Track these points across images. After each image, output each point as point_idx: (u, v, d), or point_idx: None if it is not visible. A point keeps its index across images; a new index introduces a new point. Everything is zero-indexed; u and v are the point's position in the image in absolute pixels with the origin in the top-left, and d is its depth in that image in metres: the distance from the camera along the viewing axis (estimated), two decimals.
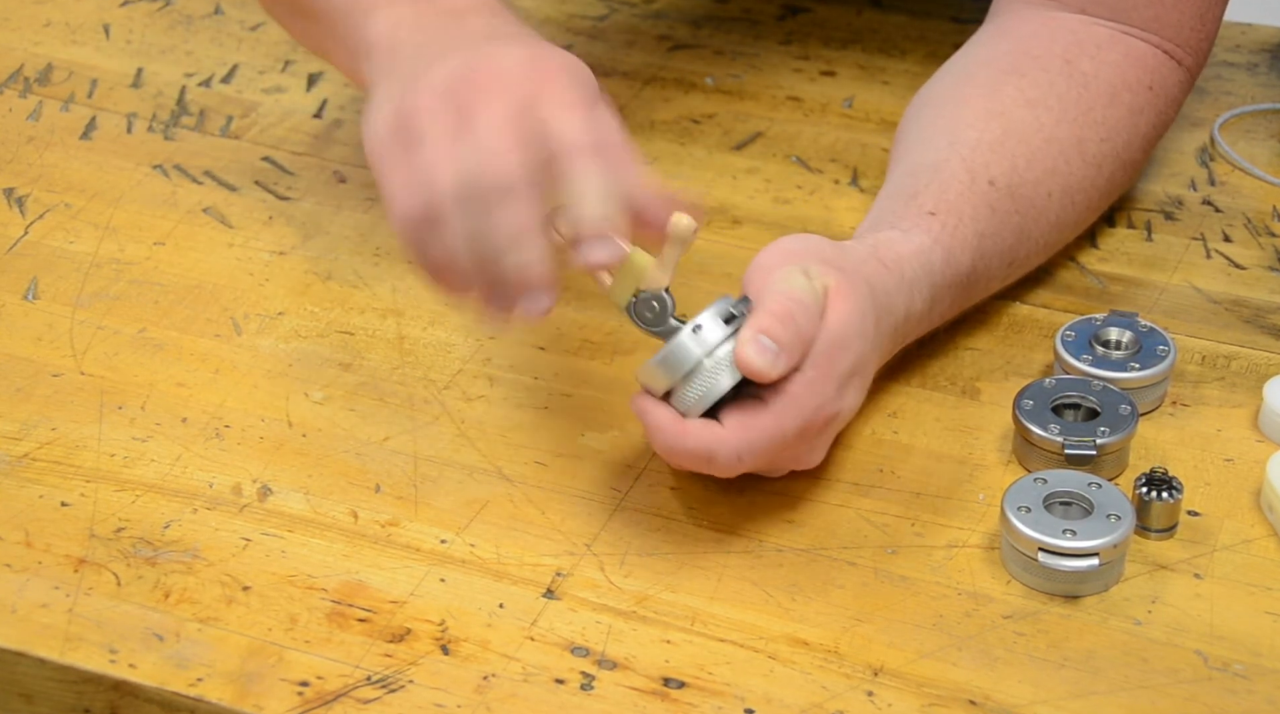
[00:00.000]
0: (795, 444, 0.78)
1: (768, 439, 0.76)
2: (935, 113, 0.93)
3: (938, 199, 0.87)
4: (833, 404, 0.78)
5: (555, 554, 0.80)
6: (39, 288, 0.96)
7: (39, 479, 0.84)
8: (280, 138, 1.09)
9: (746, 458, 0.77)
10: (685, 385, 0.77)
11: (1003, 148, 0.89)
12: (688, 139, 1.08)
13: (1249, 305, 0.94)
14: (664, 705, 0.73)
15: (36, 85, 1.14)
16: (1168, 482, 0.79)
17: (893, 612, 0.77)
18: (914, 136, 0.93)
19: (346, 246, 0.99)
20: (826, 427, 0.79)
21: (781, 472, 0.82)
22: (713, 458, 0.76)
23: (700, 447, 0.76)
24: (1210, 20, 0.96)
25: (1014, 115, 0.91)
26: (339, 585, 0.78)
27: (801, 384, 0.76)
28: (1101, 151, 0.92)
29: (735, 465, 0.77)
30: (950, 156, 0.89)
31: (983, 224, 0.87)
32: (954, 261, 0.86)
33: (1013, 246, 0.89)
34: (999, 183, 0.88)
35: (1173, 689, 0.73)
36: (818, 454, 0.81)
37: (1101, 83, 0.92)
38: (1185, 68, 0.96)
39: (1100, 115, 0.92)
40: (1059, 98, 0.91)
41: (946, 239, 0.86)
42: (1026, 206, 0.89)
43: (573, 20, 1.21)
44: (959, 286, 0.87)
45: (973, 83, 0.93)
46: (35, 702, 0.77)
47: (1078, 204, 0.92)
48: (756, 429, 0.76)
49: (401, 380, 0.90)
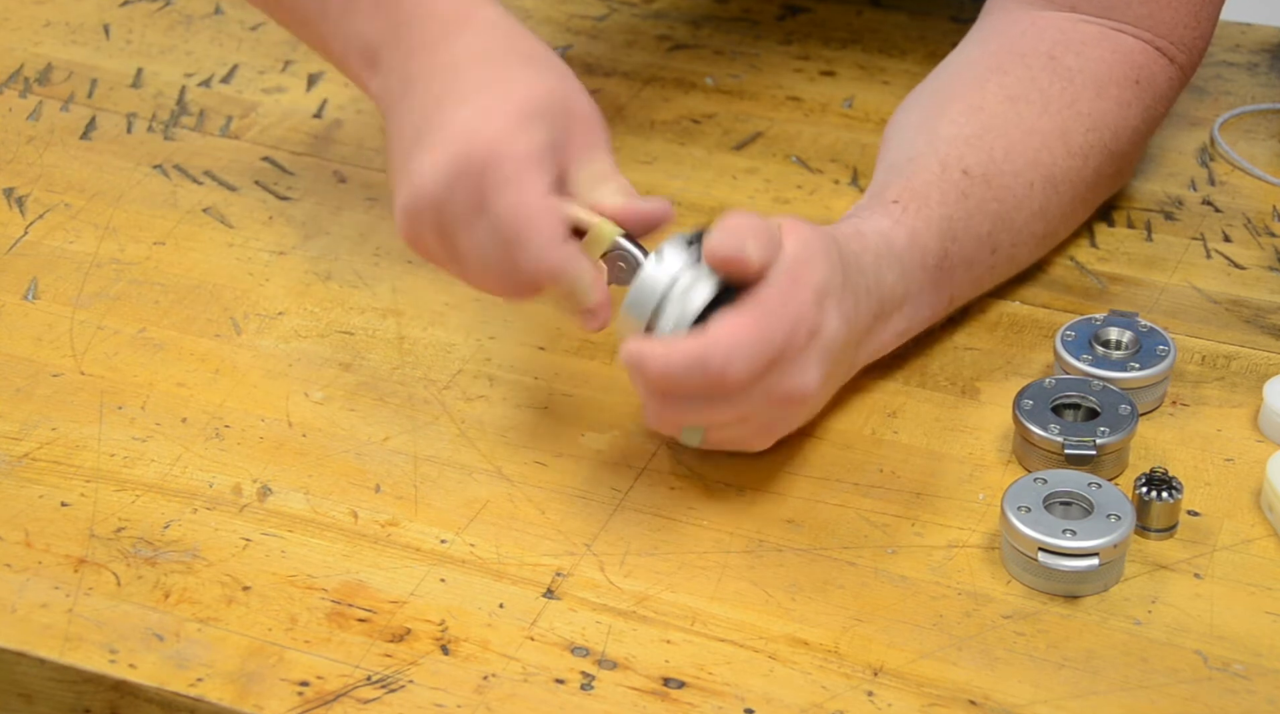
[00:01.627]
0: (784, 359, 0.77)
1: (754, 339, 0.75)
2: (918, 113, 0.94)
3: (902, 188, 0.87)
4: (812, 315, 0.77)
5: (555, 554, 0.80)
6: (39, 288, 0.96)
7: (39, 479, 0.84)
8: (280, 138, 1.09)
9: (737, 360, 0.75)
10: (660, 315, 0.77)
11: (980, 141, 0.90)
12: (688, 139, 1.08)
13: (1249, 305, 0.94)
14: (664, 705, 0.73)
15: (36, 85, 1.14)
16: (1168, 482, 0.79)
17: (893, 612, 0.77)
18: (895, 138, 0.93)
19: (346, 246, 0.99)
20: (810, 342, 0.78)
21: (781, 419, 0.81)
22: (705, 361, 0.75)
23: (691, 354, 0.75)
24: (1205, 18, 0.96)
25: (994, 110, 0.91)
26: (339, 585, 0.78)
27: (774, 290, 0.76)
28: (1088, 142, 0.92)
29: (727, 367, 0.75)
30: (925, 151, 0.89)
31: (952, 208, 0.87)
32: (919, 241, 0.86)
33: (991, 232, 0.89)
34: (973, 172, 0.88)
35: (1173, 689, 0.73)
36: (810, 375, 0.78)
37: (1087, 76, 0.93)
38: (1178, 65, 0.96)
39: (1086, 108, 0.92)
40: (1041, 92, 0.92)
41: (909, 221, 0.86)
42: (1005, 194, 0.89)
43: (573, 20, 1.21)
44: (933, 268, 0.86)
45: (957, 81, 0.94)
46: (35, 702, 0.77)
47: (1063, 194, 0.92)
48: (743, 329, 0.75)
49: (401, 380, 0.90)
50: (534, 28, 1.20)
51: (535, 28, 1.20)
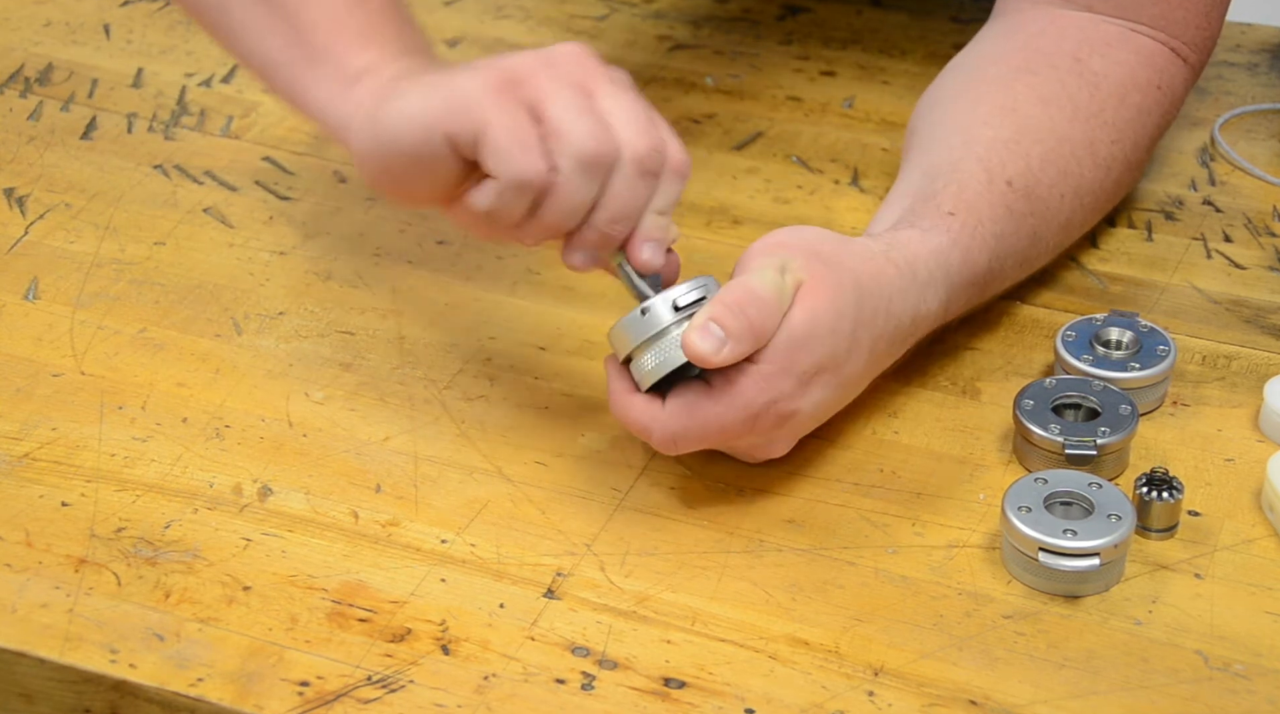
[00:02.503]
0: (744, 436, 0.79)
1: (704, 427, 0.77)
2: (947, 110, 0.93)
3: (956, 199, 0.86)
4: (789, 401, 0.78)
5: (555, 554, 0.80)
6: (39, 288, 0.96)
7: (39, 479, 0.84)
8: (280, 138, 1.09)
9: (681, 442, 0.78)
10: (643, 353, 0.78)
11: (1017, 146, 0.89)
12: (688, 139, 1.08)
13: (1249, 305, 0.94)
14: (664, 705, 0.73)
15: (36, 85, 1.14)
16: (1168, 482, 0.79)
17: (893, 612, 0.77)
18: (927, 134, 0.93)
19: (346, 246, 0.99)
20: (782, 423, 0.79)
21: (748, 459, 0.83)
22: (649, 434, 0.78)
23: (638, 421, 0.78)
24: (1215, 17, 0.96)
25: (1027, 112, 0.90)
26: (339, 585, 0.78)
27: (751, 377, 0.77)
28: (1111, 154, 0.92)
29: (670, 446, 0.78)
30: (966, 155, 0.89)
31: (1000, 225, 0.87)
32: (971, 262, 0.85)
33: (1026, 248, 0.89)
34: (1016, 184, 0.88)
35: (1173, 689, 0.73)
36: (779, 447, 0.81)
37: (1112, 83, 0.92)
38: (1190, 65, 0.96)
39: (1111, 117, 0.92)
40: (1070, 97, 0.91)
41: (965, 240, 0.85)
42: (1041, 208, 0.89)
43: (573, 20, 1.21)
44: (974, 287, 0.87)
45: (984, 80, 0.93)
46: (35, 702, 0.77)
47: (1086, 206, 0.92)
48: (696, 417, 0.77)
49: (401, 380, 0.90)
50: (534, 28, 1.20)
51: (535, 28, 1.20)
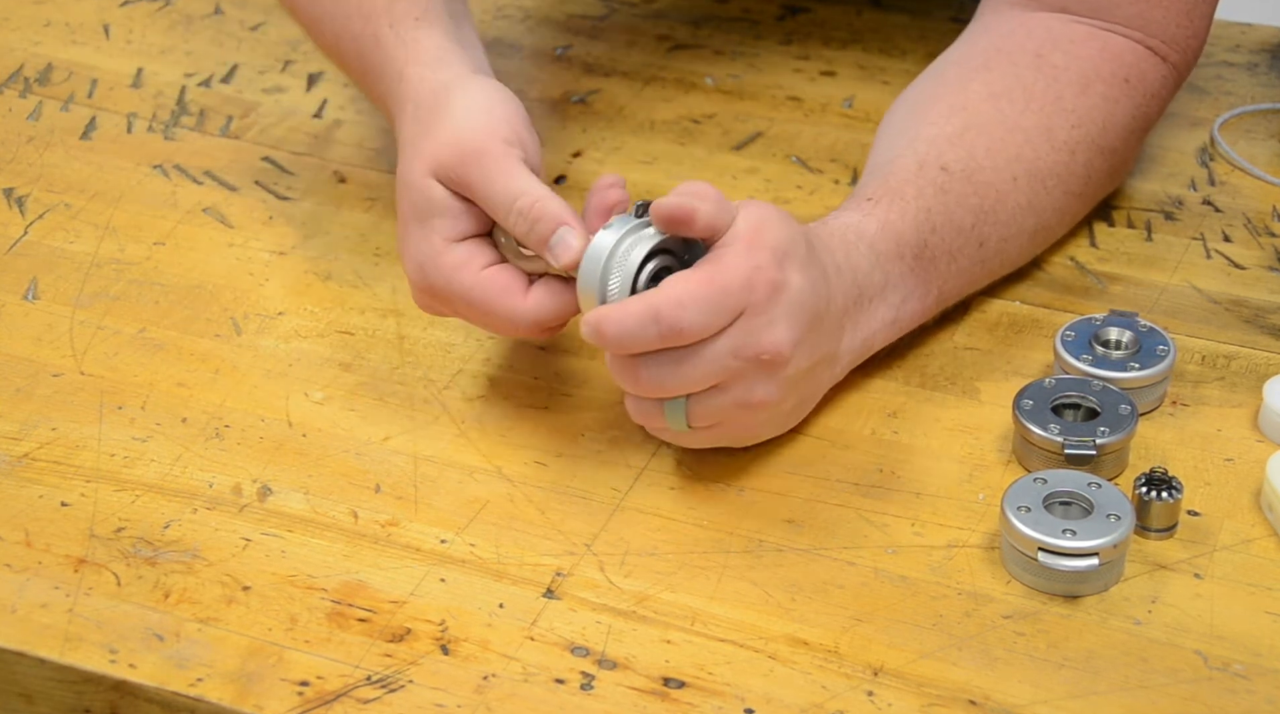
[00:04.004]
0: (749, 314, 0.77)
1: (707, 292, 0.76)
2: (904, 114, 0.95)
3: (878, 187, 0.88)
4: (770, 270, 0.77)
5: (555, 554, 0.80)
6: (39, 288, 0.96)
7: (39, 479, 0.84)
8: (280, 138, 1.09)
9: (690, 309, 0.75)
10: (607, 282, 0.78)
11: (961, 139, 0.90)
12: (688, 139, 1.08)
13: (1249, 305, 0.94)
14: (664, 705, 0.73)
15: (36, 85, 1.14)
16: (1168, 482, 0.79)
17: (893, 612, 0.77)
18: (881, 140, 0.94)
19: (346, 246, 0.99)
20: (773, 297, 0.77)
21: (749, 433, 0.81)
22: (658, 314, 0.75)
23: (642, 310, 0.76)
24: (1199, 17, 0.96)
25: (977, 109, 0.92)
26: (339, 585, 0.78)
27: (728, 249, 0.77)
28: (1074, 137, 0.92)
29: (680, 317, 0.75)
30: (904, 152, 0.90)
31: (929, 202, 0.88)
32: (892, 230, 0.86)
33: (975, 225, 0.89)
34: (952, 168, 0.89)
35: (1173, 689, 0.73)
36: (780, 331, 0.78)
37: (1072, 74, 0.93)
38: (1171, 64, 0.96)
39: (1070, 104, 0.92)
40: (1025, 89, 0.92)
41: (880, 213, 0.86)
42: (987, 189, 0.89)
43: (573, 20, 1.21)
44: (912, 258, 0.86)
45: (943, 82, 0.95)
46: (35, 702, 0.77)
47: (1052, 189, 0.92)
48: (694, 281, 0.76)
49: (401, 380, 0.90)
50: (533, 28, 1.20)
51: (535, 28, 1.20)
